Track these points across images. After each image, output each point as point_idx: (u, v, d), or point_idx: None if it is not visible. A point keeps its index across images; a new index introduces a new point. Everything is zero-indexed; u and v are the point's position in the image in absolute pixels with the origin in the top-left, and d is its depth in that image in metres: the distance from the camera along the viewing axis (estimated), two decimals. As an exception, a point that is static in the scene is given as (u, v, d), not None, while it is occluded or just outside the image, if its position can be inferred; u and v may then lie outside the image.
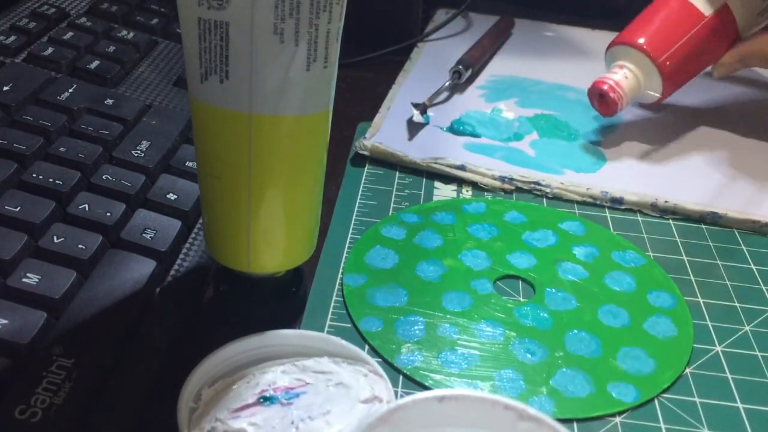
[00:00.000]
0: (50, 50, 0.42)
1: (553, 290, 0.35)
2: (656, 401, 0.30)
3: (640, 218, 0.41)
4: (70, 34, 0.44)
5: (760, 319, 0.34)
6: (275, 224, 0.28)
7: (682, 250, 0.38)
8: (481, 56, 0.55)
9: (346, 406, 0.26)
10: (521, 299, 0.34)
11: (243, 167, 0.27)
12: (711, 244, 0.39)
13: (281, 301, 0.32)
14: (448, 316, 0.33)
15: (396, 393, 0.29)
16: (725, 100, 0.55)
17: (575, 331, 0.32)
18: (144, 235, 0.32)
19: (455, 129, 0.47)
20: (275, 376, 0.27)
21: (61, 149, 0.34)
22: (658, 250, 0.38)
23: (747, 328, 0.34)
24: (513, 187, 0.42)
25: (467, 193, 0.42)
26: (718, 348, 0.32)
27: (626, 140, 0.48)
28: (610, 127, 0.49)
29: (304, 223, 0.30)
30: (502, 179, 0.42)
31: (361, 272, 0.35)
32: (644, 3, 0.47)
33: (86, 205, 0.32)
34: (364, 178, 0.42)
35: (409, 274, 0.35)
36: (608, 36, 0.64)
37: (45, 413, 0.24)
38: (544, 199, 0.42)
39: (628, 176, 0.44)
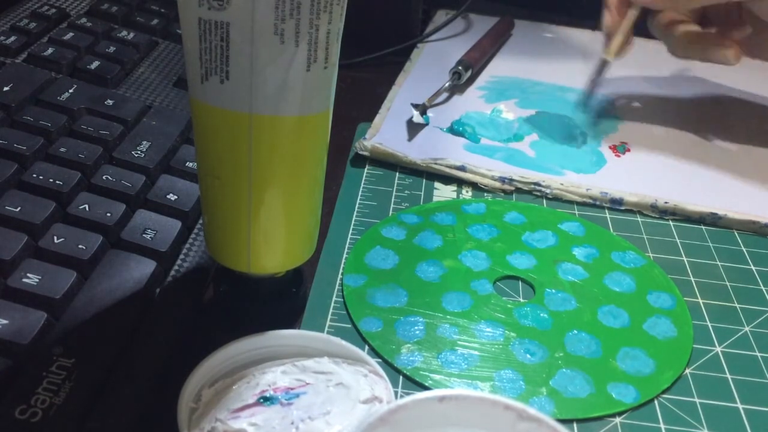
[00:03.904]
0: (50, 51, 0.42)
1: (553, 291, 0.35)
2: (656, 402, 0.30)
3: (639, 219, 0.41)
4: (71, 34, 0.44)
5: (759, 319, 0.34)
6: (275, 224, 0.28)
7: (681, 251, 0.38)
8: (480, 57, 0.55)
9: (346, 407, 0.26)
10: (521, 300, 0.34)
11: (243, 168, 0.27)
12: (711, 244, 0.39)
13: (281, 302, 0.32)
14: (448, 316, 0.33)
15: (396, 393, 0.29)
16: (726, 100, 0.55)
17: (575, 331, 0.32)
18: (144, 235, 0.32)
19: (455, 130, 0.47)
20: (275, 377, 0.27)
21: (62, 149, 0.34)
22: (657, 251, 0.38)
23: (747, 328, 0.34)
24: (513, 188, 0.42)
25: (467, 193, 0.42)
26: (718, 348, 0.32)
27: (626, 141, 0.48)
28: (610, 127, 0.49)
29: (304, 223, 0.30)
30: (502, 180, 0.42)
31: (361, 273, 0.35)
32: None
33: (86, 206, 0.32)
34: (364, 178, 0.42)
35: (409, 274, 0.35)
36: (608, 37, 0.64)
37: (45, 413, 0.24)
38: (544, 200, 0.42)
39: (628, 177, 0.44)
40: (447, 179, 0.43)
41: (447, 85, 0.51)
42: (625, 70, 0.58)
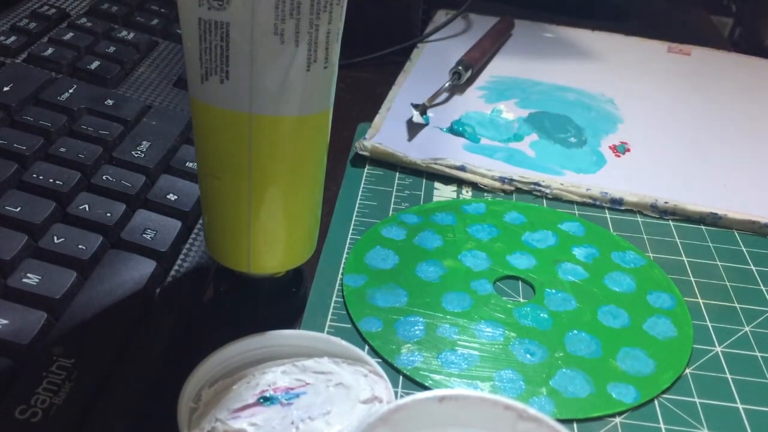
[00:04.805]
0: (50, 51, 0.42)
1: (553, 291, 0.35)
2: (656, 402, 0.30)
3: (639, 219, 0.41)
4: (71, 34, 0.44)
5: (759, 319, 0.34)
6: (275, 224, 0.28)
7: (681, 251, 0.38)
8: (481, 57, 0.55)
9: (346, 407, 0.26)
10: (521, 300, 0.34)
11: (243, 167, 0.27)
12: (711, 244, 0.39)
13: (281, 302, 0.32)
14: (448, 316, 0.33)
15: (396, 393, 0.29)
16: (725, 100, 0.55)
17: (575, 331, 0.32)
18: (144, 235, 0.32)
19: (455, 130, 0.47)
20: (275, 377, 0.27)
21: (62, 149, 0.34)
22: (657, 251, 0.38)
23: (747, 328, 0.34)
24: (513, 188, 0.42)
25: (467, 193, 0.42)
26: (718, 348, 0.32)
27: (626, 141, 0.48)
28: (610, 127, 0.49)
29: (304, 223, 0.30)
30: (502, 180, 0.42)
31: (361, 273, 0.35)
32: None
33: (86, 206, 0.32)
34: (364, 178, 0.42)
35: (409, 274, 0.35)
36: (608, 37, 0.64)
37: (45, 413, 0.24)
38: (544, 200, 0.42)
39: (628, 177, 0.44)
40: (447, 179, 0.43)
41: (447, 85, 0.51)
42: (626, 70, 0.58)
